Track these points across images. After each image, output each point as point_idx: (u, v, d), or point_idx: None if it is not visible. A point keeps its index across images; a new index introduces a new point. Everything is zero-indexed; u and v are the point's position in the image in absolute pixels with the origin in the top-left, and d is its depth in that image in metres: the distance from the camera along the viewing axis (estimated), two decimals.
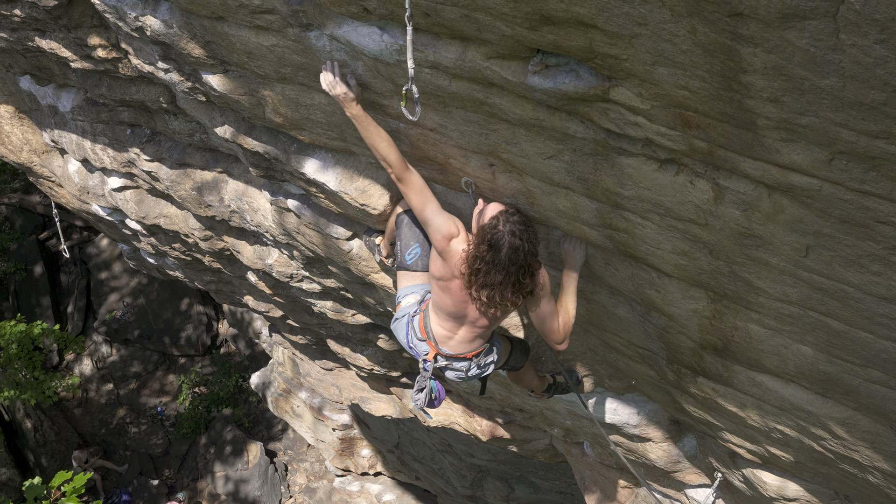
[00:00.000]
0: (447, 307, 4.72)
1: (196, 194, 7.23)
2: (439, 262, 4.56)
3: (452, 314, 4.76)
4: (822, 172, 2.93)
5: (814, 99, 2.61)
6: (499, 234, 4.15)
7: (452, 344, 4.92)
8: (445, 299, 4.68)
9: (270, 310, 10.09)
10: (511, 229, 4.15)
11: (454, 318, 4.79)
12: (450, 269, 4.51)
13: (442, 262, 4.54)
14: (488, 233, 4.18)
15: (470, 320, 4.74)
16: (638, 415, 6.60)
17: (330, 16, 3.95)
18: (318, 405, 15.77)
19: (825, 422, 4.46)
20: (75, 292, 22.91)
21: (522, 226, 4.19)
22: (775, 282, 3.76)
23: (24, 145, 8.94)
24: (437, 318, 4.89)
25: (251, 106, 5.26)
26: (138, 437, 21.58)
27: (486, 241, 4.17)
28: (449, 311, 4.74)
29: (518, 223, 4.18)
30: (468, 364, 5.02)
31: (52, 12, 5.55)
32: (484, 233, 4.21)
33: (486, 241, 4.17)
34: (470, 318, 4.72)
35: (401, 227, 5.21)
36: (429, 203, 4.45)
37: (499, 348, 5.19)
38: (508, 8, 3.05)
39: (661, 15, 2.67)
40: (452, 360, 5.01)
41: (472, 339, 4.88)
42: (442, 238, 4.45)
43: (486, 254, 4.17)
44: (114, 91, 6.52)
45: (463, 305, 4.65)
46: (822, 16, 2.31)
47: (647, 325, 4.99)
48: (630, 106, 3.28)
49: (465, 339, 4.88)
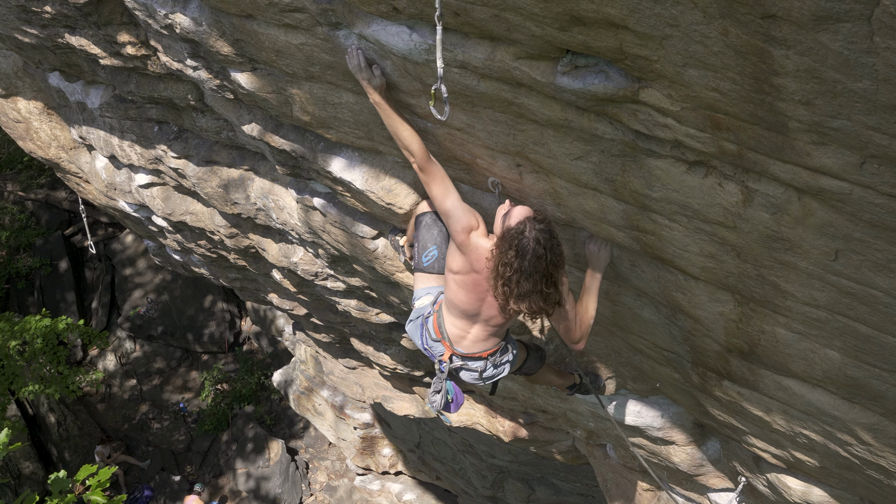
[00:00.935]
0: (461, 303, 4.70)
1: (222, 192, 7.26)
2: (458, 255, 4.53)
3: (466, 312, 4.74)
4: (852, 176, 2.91)
5: (846, 102, 2.60)
6: (525, 241, 4.10)
7: (467, 343, 4.90)
8: (460, 295, 4.65)
9: (294, 308, 10.11)
10: (536, 237, 4.09)
11: (467, 316, 4.77)
12: (468, 263, 4.49)
13: (461, 256, 4.51)
14: (515, 238, 4.13)
15: (483, 318, 4.73)
16: (662, 418, 6.58)
17: (359, 14, 3.96)
18: (340, 403, 15.81)
19: (851, 427, 4.43)
20: (100, 288, 23.05)
21: (548, 234, 4.13)
22: (803, 285, 3.74)
23: (52, 141, 9.00)
24: (451, 317, 4.88)
25: (279, 104, 5.27)
26: (161, 432, 21.69)
27: (514, 248, 4.12)
28: (463, 308, 4.72)
29: (544, 231, 4.12)
30: (483, 364, 5.01)
31: (82, 9, 5.58)
32: (511, 238, 4.15)
33: (514, 248, 4.12)
34: (483, 315, 4.71)
35: (419, 228, 5.20)
36: (450, 194, 4.44)
37: (516, 351, 5.18)
38: (539, 8, 3.05)
39: (693, 16, 2.66)
40: (468, 359, 5.00)
41: (487, 338, 4.87)
42: (462, 230, 4.42)
43: (514, 260, 4.12)
44: (142, 88, 6.56)
45: (478, 303, 4.63)
46: (856, 18, 2.30)
47: (672, 327, 4.98)
48: (659, 107, 3.27)
49: (480, 338, 4.87)
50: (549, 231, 4.16)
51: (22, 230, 23.10)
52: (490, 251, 4.30)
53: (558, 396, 7.52)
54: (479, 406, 9.86)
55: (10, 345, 14.45)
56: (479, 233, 4.46)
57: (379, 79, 4.20)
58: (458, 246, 4.50)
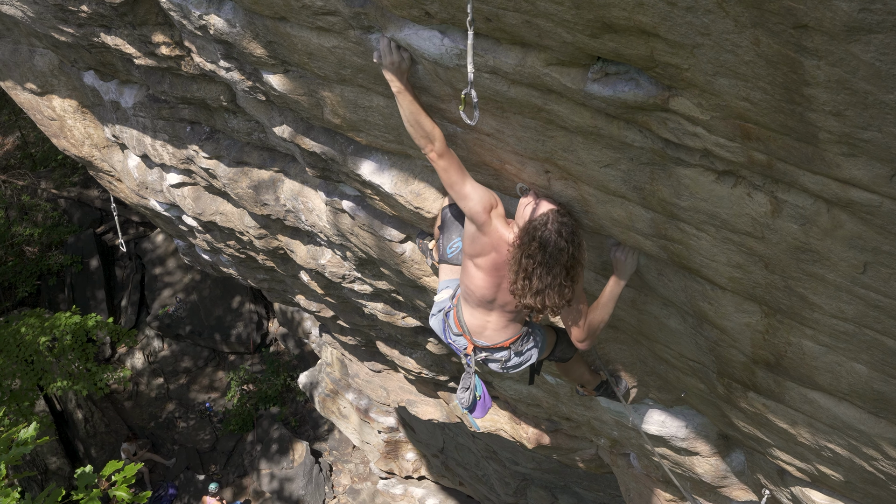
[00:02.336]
0: (478, 289, 4.69)
1: (252, 193, 7.31)
2: (478, 237, 4.52)
3: (483, 299, 4.74)
4: (883, 188, 2.90)
5: (877, 113, 2.58)
6: (548, 233, 4.13)
7: (488, 334, 4.91)
8: (477, 280, 4.65)
9: (321, 310, 10.15)
10: (559, 229, 4.13)
11: (484, 304, 4.77)
12: (490, 243, 4.48)
13: (481, 237, 4.50)
14: (539, 230, 4.16)
15: (499, 304, 4.73)
16: (686, 428, 6.56)
17: (391, 18, 3.97)
18: (365, 407, 15.83)
19: (877, 442, 4.40)
20: (130, 286, 23.22)
21: (570, 228, 4.18)
22: (831, 298, 3.72)
23: (85, 139, 9.09)
24: (468, 308, 4.89)
25: (310, 106, 5.30)
26: (186, 431, 21.80)
27: (537, 239, 4.15)
28: (480, 294, 4.72)
29: (567, 225, 4.17)
30: (507, 353, 5.01)
31: (118, 9, 5.63)
32: (534, 229, 4.18)
33: (537, 239, 4.15)
34: (500, 300, 4.70)
35: (445, 220, 5.22)
36: (468, 177, 4.41)
37: (541, 336, 5.17)
38: (570, 15, 3.05)
39: (725, 25, 2.66)
40: (490, 350, 5.01)
41: (506, 325, 4.87)
42: (482, 210, 4.41)
43: (537, 253, 4.14)
44: (175, 88, 6.61)
45: (494, 288, 4.63)
46: (888, 29, 2.29)
47: (698, 337, 4.96)
48: (689, 116, 3.26)
49: (499, 326, 4.87)
50: (571, 225, 4.20)
51: (54, 227, 23.31)
52: (513, 242, 4.31)
53: (582, 404, 7.51)
54: (504, 412, 9.86)
55: (39, 341, 14.57)
56: (499, 212, 4.47)
57: (407, 62, 4.17)
58: (478, 227, 4.48)
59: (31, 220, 23.52)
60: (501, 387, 8.42)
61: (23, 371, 14.66)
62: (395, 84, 4.23)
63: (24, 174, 23.96)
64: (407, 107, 4.26)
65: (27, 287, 22.72)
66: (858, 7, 2.26)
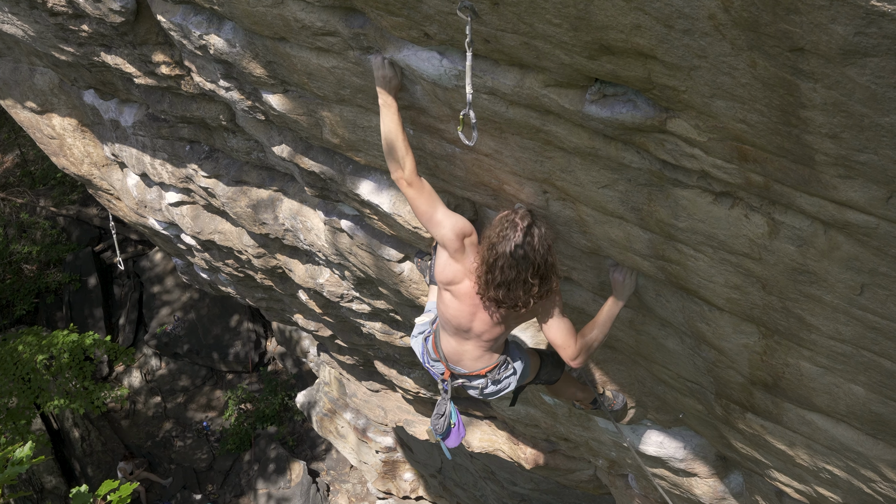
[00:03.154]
0: (454, 318, 4.67)
1: (251, 212, 7.31)
2: (451, 264, 4.50)
3: (459, 328, 4.71)
4: (879, 210, 2.91)
5: (873, 136, 2.60)
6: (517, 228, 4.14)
7: (465, 362, 4.90)
8: (452, 309, 4.63)
9: (319, 329, 10.14)
10: (528, 225, 4.14)
11: (460, 334, 4.75)
12: (463, 270, 4.46)
13: (454, 264, 4.48)
14: (507, 226, 4.17)
15: (475, 334, 4.70)
16: (684, 449, 6.54)
17: (390, 39, 3.99)
18: (363, 426, 15.79)
19: (875, 464, 4.39)
20: (128, 305, 23.21)
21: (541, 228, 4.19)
22: (828, 319, 3.72)
23: (84, 158, 9.10)
24: (446, 336, 4.87)
25: (309, 126, 5.32)
26: (183, 450, 21.74)
27: (503, 232, 4.15)
28: (455, 323, 4.70)
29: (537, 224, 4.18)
30: (484, 381, 4.99)
31: (118, 28, 5.65)
32: (502, 224, 4.19)
33: (503, 232, 4.15)
34: (475, 331, 4.68)
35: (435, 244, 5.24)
36: (439, 205, 4.39)
37: (525, 362, 5.14)
38: (568, 37, 3.07)
39: (721, 48, 2.67)
40: (468, 378, 4.99)
41: (482, 355, 4.85)
42: (455, 237, 4.39)
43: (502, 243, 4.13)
44: (175, 107, 6.63)
45: (470, 316, 4.60)
46: (884, 53, 2.30)
47: (696, 358, 4.96)
48: (687, 137, 3.27)
49: (476, 356, 4.85)
50: (542, 226, 4.20)
51: (53, 245, 23.32)
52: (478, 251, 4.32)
53: (580, 424, 7.50)
54: (502, 432, 9.84)
55: (37, 359, 14.55)
56: (472, 240, 4.45)
57: (398, 78, 4.18)
58: (451, 254, 4.46)
59: (30, 238, 23.54)
60: (499, 407, 8.41)
61: (20, 389, 14.63)
62: (382, 97, 4.22)
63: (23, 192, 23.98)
64: (387, 123, 4.24)
65: (25, 305, 22.72)
66: (854, 31, 2.28)
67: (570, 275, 5.24)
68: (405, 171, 4.28)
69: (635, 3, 2.68)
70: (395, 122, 4.22)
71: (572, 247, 4.83)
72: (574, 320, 4.72)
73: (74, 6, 5.52)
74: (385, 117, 4.24)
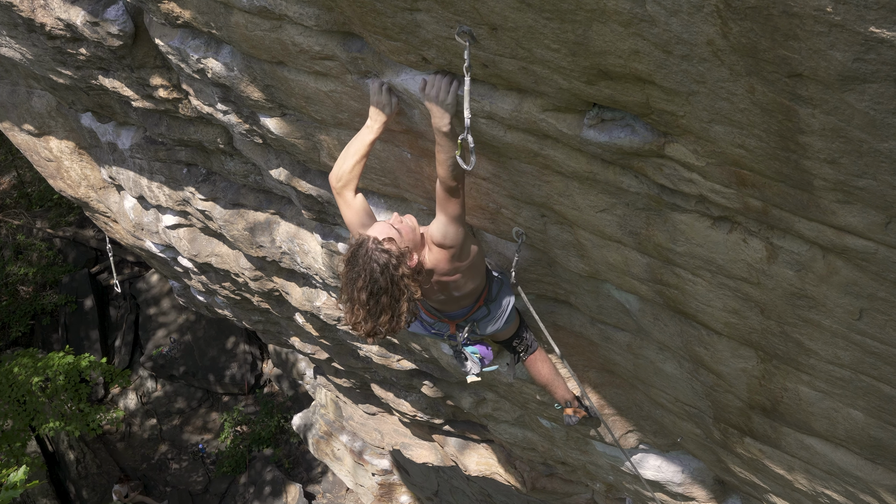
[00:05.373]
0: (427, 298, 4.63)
1: (248, 234, 7.31)
2: None
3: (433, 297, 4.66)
4: (878, 235, 2.91)
5: (872, 162, 2.60)
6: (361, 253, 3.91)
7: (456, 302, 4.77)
8: None
9: (316, 352, 10.12)
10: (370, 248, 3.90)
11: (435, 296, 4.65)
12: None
13: None
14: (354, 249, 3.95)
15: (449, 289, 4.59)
16: (682, 473, 6.52)
17: (388, 64, 4.00)
18: (359, 449, 15.75)
19: (874, 488, 4.38)
20: (124, 326, 23.14)
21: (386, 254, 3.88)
22: (827, 344, 3.72)
23: (82, 180, 9.09)
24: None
25: (307, 149, 5.32)
26: (179, 473, 21.64)
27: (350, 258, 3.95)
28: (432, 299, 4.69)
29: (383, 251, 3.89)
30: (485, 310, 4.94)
31: (116, 52, 5.66)
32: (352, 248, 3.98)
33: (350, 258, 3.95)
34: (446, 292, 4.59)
35: None
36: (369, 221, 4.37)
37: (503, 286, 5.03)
38: (567, 62, 3.07)
39: (720, 73, 2.67)
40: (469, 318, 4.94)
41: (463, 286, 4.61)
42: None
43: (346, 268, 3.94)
44: (173, 130, 6.63)
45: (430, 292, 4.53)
46: (882, 79, 2.31)
47: (694, 382, 4.95)
48: (685, 162, 3.27)
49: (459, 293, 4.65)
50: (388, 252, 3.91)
51: (49, 267, 23.27)
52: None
53: (578, 448, 7.47)
54: (499, 456, 9.81)
55: (32, 381, 14.51)
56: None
57: (392, 107, 4.17)
58: None
59: (26, 260, 23.49)
60: (497, 430, 8.38)
61: (15, 411, 14.57)
62: (370, 121, 4.22)
63: (19, 213, 23.96)
64: (360, 140, 4.25)
65: (21, 327, 22.64)
66: (853, 57, 2.28)
67: (567, 298, 5.23)
68: (337, 186, 4.36)
69: (633, 28, 2.69)
70: (364, 144, 4.25)
71: (570, 271, 4.83)
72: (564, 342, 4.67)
73: (72, 30, 5.52)
74: (363, 134, 4.26)
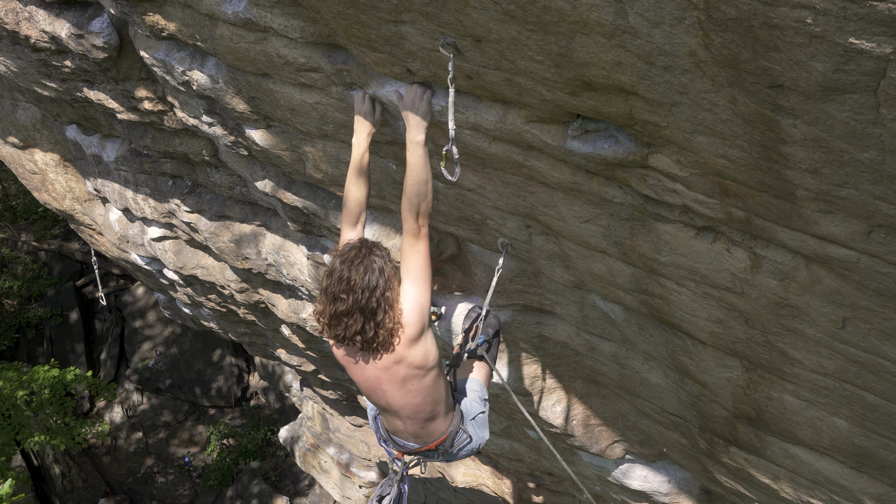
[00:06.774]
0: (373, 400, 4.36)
1: (234, 247, 7.30)
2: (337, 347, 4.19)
3: (383, 408, 4.38)
4: (860, 245, 2.92)
5: (853, 171, 2.61)
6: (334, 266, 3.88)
7: (412, 435, 4.51)
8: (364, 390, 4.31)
9: (302, 364, 10.10)
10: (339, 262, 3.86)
11: (388, 413, 4.40)
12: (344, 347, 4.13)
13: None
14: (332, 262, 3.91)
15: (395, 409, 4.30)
16: (668, 483, 6.52)
17: (373, 76, 4.01)
18: (346, 461, 15.70)
19: (859, 497, 4.39)
20: (109, 339, 23.05)
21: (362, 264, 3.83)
22: (811, 353, 3.73)
23: (67, 193, 9.07)
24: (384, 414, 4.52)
25: (292, 161, 5.32)
26: (165, 487, 21.54)
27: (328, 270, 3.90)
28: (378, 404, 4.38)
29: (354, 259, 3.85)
30: (434, 454, 4.64)
31: (101, 64, 5.66)
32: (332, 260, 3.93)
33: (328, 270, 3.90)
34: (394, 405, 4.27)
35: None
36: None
37: (473, 426, 4.71)
38: (550, 73, 3.09)
39: (702, 84, 2.69)
40: (420, 455, 4.67)
41: (422, 426, 4.41)
42: None
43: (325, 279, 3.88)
44: (158, 143, 6.62)
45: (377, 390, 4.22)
46: (862, 90, 2.32)
47: (680, 392, 4.96)
48: (668, 173, 3.29)
49: (414, 430, 4.45)
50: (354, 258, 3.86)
51: (34, 280, 23.17)
52: None
53: (566, 459, 7.47)
54: (486, 467, 9.79)
55: (17, 395, 14.43)
56: None
57: (376, 115, 4.13)
58: None
59: (11, 273, 23.39)
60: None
61: None
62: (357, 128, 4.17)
63: (4, 226, 23.88)
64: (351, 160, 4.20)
65: (6, 340, 22.52)
66: (833, 68, 2.30)
67: (553, 309, 5.24)
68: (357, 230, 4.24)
69: (616, 40, 2.70)
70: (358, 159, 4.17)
71: (555, 281, 4.83)
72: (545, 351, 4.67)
73: (57, 42, 5.52)
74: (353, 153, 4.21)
